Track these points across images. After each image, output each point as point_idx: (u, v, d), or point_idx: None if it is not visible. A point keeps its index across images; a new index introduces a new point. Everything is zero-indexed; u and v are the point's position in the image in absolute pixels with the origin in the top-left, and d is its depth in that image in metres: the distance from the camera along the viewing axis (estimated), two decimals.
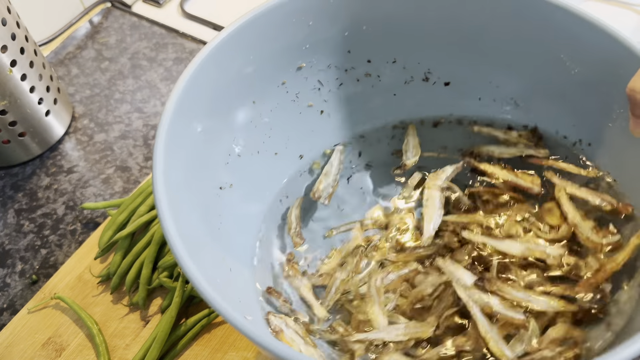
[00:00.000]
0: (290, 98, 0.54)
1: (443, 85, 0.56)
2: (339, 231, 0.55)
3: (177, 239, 0.38)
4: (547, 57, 0.49)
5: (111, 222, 0.60)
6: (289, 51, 0.51)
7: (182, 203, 0.42)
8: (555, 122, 0.53)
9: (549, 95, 0.52)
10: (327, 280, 0.52)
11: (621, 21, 0.83)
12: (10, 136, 0.67)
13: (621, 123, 0.46)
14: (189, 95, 0.44)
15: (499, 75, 0.53)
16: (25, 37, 0.65)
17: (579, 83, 0.49)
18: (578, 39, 0.46)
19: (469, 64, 0.54)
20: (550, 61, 0.49)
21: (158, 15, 0.87)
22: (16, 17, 0.64)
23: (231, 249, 0.48)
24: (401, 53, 0.55)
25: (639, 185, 0.47)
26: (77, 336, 0.55)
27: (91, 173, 0.70)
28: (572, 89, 0.49)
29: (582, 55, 0.47)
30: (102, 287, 0.58)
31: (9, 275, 0.62)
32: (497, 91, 0.55)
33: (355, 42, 0.53)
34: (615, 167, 0.48)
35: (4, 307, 0.59)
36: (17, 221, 0.66)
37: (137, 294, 0.57)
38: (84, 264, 0.60)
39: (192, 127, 0.46)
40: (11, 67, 0.63)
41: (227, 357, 0.53)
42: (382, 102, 0.57)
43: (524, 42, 0.50)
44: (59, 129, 0.73)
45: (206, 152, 0.48)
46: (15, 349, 0.55)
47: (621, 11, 0.85)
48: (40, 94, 0.68)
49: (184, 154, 0.44)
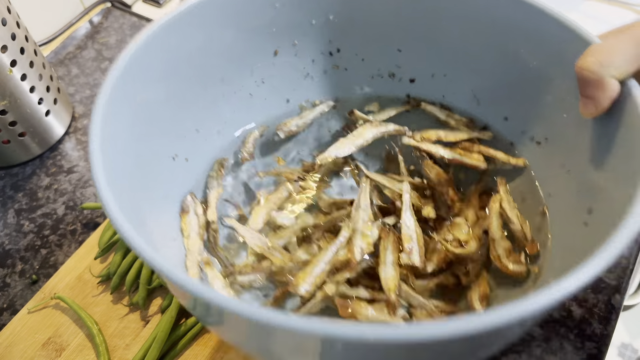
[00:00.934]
0: (255, 82, 0.56)
1: (409, 82, 0.58)
2: (269, 174, 0.57)
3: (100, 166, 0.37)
4: (504, 51, 0.50)
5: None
6: (255, 32, 0.52)
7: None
8: (514, 116, 0.53)
9: (507, 91, 0.52)
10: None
11: (621, 21, 0.83)
12: (10, 136, 0.67)
13: (576, 115, 0.45)
14: (141, 60, 0.44)
15: (460, 72, 0.54)
16: (25, 37, 0.65)
17: (534, 77, 0.49)
18: (533, 31, 0.46)
19: (433, 62, 0.55)
20: (508, 55, 0.50)
21: (158, 15, 0.87)
22: (16, 17, 0.64)
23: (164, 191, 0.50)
24: (366, 47, 0.56)
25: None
26: (77, 336, 0.55)
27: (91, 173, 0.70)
28: (528, 83, 0.49)
29: (537, 48, 0.47)
30: (102, 287, 0.58)
31: (9, 275, 0.62)
32: (457, 88, 0.56)
33: (324, 31, 0.55)
34: (569, 158, 0.47)
35: (4, 307, 0.59)
36: (17, 221, 0.66)
37: (137, 293, 0.57)
38: (84, 264, 0.60)
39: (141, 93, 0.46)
40: (11, 67, 0.63)
41: (227, 356, 0.53)
42: (344, 95, 0.60)
43: (481, 37, 0.50)
44: (59, 129, 0.73)
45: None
46: (15, 348, 0.55)
47: (621, 11, 0.85)
48: (40, 94, 0.68)
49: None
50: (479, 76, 0.53)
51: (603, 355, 0.52)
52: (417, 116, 0.58)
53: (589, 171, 0.43)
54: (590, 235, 0.40)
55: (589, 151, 0.43)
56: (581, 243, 0.41)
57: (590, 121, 0.42)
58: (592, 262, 0.30)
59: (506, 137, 0.54)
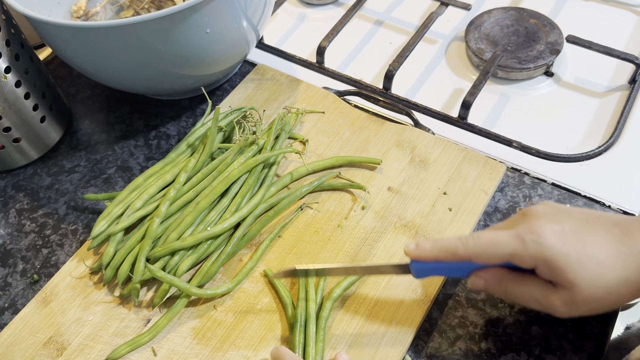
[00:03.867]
0: None
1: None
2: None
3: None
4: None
5: (106, 213, 0.61)
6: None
7: None
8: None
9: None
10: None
11: (621, 21, 0.83)
12: (5, 142, 0.68)
13: None
14: None
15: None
16: (20, 43, 0.65)
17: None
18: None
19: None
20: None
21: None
22: (12, 23, 0.64)
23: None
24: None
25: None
26: (79, 335, 0.55)
27: (92, 173, 0.70)
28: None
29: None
30: (102, 287, 0.59)
31: (10, 275, 0.62)
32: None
33: None
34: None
35: (5, 306, 0.60)
36: (18, 221, 0.66)
37: (127, 286, 0.57)
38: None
39: None
40: (5, 74, 0.63)
41: (227, 356, 0.53)
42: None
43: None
44: (55, 135, 0.73)
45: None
46: (17, 348, 0.55)
47: (621, 11, 0.85)
48: (35, 100, 0.68)
49: None
50: None
51: (601, 354, 0.53)
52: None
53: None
54: None
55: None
56: None
57: None
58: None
59: None
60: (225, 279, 0.58)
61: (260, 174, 0.63)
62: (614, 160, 0.67)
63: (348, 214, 0.62)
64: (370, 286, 0.57)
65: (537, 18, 0.80)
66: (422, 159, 0.66)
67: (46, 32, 0.61)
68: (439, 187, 0.63)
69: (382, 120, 0.70)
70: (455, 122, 0.71)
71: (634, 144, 0.68)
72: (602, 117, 0.72)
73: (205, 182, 0.62)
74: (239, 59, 0.71)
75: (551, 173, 0.66)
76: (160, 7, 0.76)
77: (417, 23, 0.86)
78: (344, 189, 0.64)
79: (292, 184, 0.65)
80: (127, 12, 0.77)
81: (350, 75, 0.78)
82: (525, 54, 0.76)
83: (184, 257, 0.58)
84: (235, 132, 0.67)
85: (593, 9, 0.85)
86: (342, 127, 0.70)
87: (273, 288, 0.57)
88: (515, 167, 0.66)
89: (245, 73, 0.78)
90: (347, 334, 0.54)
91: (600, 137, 0.70)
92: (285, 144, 0.68)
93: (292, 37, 0.86)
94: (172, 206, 0.60)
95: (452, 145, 0.67)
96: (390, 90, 0.75)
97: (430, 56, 0.81)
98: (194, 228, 0.59)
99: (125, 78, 0.66)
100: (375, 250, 0.59)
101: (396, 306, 0.55)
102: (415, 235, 0.60)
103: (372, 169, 0.66)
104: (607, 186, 0.64)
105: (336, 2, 0.90)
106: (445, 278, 0.57)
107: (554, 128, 0.71)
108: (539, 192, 0.64)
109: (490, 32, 0.79)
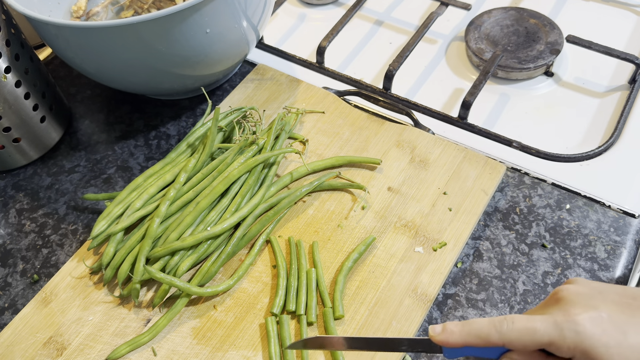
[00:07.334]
0: None
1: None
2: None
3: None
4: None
5: (106, 213, 0.61)
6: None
7: None
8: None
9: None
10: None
11: (621, 21, 0.83)
12: (5, 142, 0.68)
13: None
14: None
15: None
16: (21, 43, 0.65)
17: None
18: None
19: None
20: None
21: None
22: (12, 23, 0.64)
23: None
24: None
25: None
26: (79, 335, 0.55)
27: (92, 173, 0.70)
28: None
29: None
30: (102, 287, 0.59)
31: (10, 275, 0.62)
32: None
33: None
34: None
35: (6, 306, 0.60)
36: (18, 221, 0.66)
37: (127, 286, 0.57)
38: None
39: None
40: (5, 74, 0.63)
41: (227, 356, 0.53)
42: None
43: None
44: (55, 135, 0.73)
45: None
46: (17, 348, 0.55)
47: (621, 11, 0.85)
48: (35, 100, 0.68)
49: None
50: None
51: None
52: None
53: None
54: None
55: None
56: None
57: None
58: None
59: None
60: (225, 279, 0.58)
61: (260, 174, 0.63)
62: (614, 160, 0.67)
63: (348, 214, 0.62)
64: (370, 286, 0.57)
65: (537, 18, 0.80)
66: (422, 159, 0.66)
67: (46, 32, 0.61)
68: (438, 187, 0.63)
69: (382, 120, 0.70)
70: (455, 122, 0.71)
71: (634, 144, 0.68)
72: (602, 117, 0.72)
73: (205, 182, 0.62)
74: (239, 59, 0.71)
75: (551, 173, 0.66)
76: (160, 7, 0.76)
77: (417, 23, 0.86)
78: (344, 189, 0.64)
79: (292, 184, 0.65)
80: (127, 12, 0.77)
81: (350, 75, 0.78)
82: (525, 54, 0.76)
83: (184, 257, 0.58)
84: (235, 132, 0.67)
85: (593, 9, 0.85)
86: (342, 127, 0.70)
87: (273, 288, 0.58)
88: (515, 167, 0.66)
89: (245, 73, 0.78)
90: (348, 333, 0.54)
91: (600, 137, 0.70)
92: (285, 144, 0.68)
93: (292, 37, 0.86)
94: (172, 206, 0.60)
95: (452, 145, 0.67)
96: (390, 90, 0.75)
97: (430, 56, 0.81)
98: (194, 228, 0.59)
99: (126, 78, 0.66)
100: (376, 250, 0.59)
101: (396, 306, 0.55)
102: (416, 235, 0.60)
103: (372, 169, 0.66)
104: (607, 186, 0.64)
105: (336, 2, 0.90)
106: (445, 278, 0.57)
107: (554, 128, 0.71)
108: (539, 192, 0.64)
109: (490, 32, 0.79)
